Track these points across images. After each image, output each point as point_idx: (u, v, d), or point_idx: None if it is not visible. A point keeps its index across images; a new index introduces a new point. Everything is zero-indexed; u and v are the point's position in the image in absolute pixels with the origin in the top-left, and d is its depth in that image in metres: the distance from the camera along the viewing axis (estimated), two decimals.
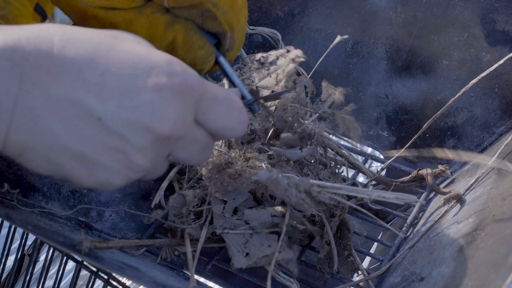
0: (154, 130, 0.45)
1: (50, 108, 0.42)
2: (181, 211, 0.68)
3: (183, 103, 0.46)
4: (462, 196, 0.70)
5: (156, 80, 0.44)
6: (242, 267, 0.64)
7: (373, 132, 0.91)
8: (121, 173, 0.46)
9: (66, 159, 0.44)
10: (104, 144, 0.44)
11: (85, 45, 0.43)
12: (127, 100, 0.43)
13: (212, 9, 0.60)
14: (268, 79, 0.80)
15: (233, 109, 0.50)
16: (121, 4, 0.57)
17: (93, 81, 0.43)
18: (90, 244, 0.54)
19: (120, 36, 0.46)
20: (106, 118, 0.43)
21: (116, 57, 0.44)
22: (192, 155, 0.50)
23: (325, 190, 0.63)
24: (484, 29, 0.83)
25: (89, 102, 0.43)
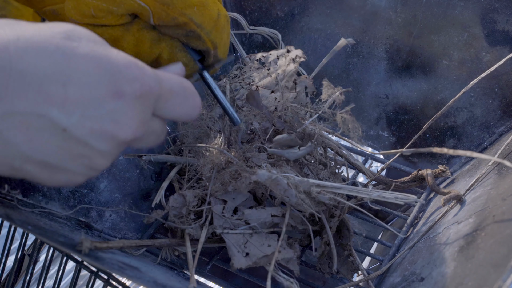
0: (118, 137, 0.46)
1: (12, 123, 0.42)
2: (181, 211, 0.68)
3: (143, 106, 0.47)
4: (462, 196, 0.70)
5: (117, 87, 0.45)
6: (242, 267, 0.64)
7: (373, 132, 0.91)
8: (83, 173, 0.48)
9: (30, 166, 0.45)
10: (69, 152, 0.45)
11: (42, 54, 0.42)
12: (90, 110, 0.44)
13: (196, 30, 0.61)
14: (268, 79, 0.80)
15: (187, 97, 0.52)
16: (108, 22, 0.58)
17: (56, 93, 0.43)
18: (90, 244, 0.54)
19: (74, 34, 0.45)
20: (71, 129, 0.44)
21: (76, 66, 0.44)
22: (148, 143, 0.52)
23: (325, 190, 0.63)
24: (484, 29, 0.83)
25: (54, 115, 0.43)
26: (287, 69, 0.80)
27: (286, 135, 0.69)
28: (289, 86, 0.79)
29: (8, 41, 0.41)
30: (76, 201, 0.73)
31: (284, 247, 0.65)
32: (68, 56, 0.43)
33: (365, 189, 0.63)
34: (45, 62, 0.42)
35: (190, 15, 0.59)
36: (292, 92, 0.78)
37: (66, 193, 0.73)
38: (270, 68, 0.82)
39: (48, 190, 0.71)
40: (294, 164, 0.71)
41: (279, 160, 0.71)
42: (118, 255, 0.61)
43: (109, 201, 0.77)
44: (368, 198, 0.63)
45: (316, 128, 0.72)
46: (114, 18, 0.58)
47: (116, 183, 0.79)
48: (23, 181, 0.68)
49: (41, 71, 0.42)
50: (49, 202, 0.70)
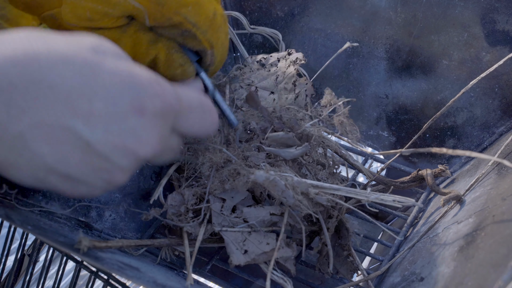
0: (138, 153, 0.48)
1: (39, 133, 0.43)
2: (179, 210, 0.68)
3: (163, 123, 0.49)
4: (462, 196, 0.70)
5: (139, 104, 0.46)
6: (240, 264, 0.64)
7: (373, 132, 0.91)
8: (102, 188, 0.49)
9: (53, 178, 0.46)
10: (91, 166, 0.46)
11: (71, 67, 0.44)
12: (113, 125, 0.45)
13: (191, 29, 0.61)
14: (268, 81, 0.80)
15: (205, 113, 0.55)
16: (105, 25, 0.58)
17: (81, 107, 0.44)
18: (89, 243, 0.55)
19: (100, 49, 0.47)
20: (94, 142, 0.45)
21: (102, 81, 0.45)
22: (165, 160, 0.54)
23: (323, 191, 0.63)
24: (484, 29, 0.83)
25: (79, 128, 0.44)
26: (287, 71, 0.80)
27: (282, 133, 0.69)
28: (289, 88, 0.79)
29: (39, 54, 0.43)
30: (76, 201, 0.73)
31: (282, 246, 0.66)
32: (94, 71, 0.45)
33: (363, 191, 0.63)
34: (73, 76, 0.44)
35: (185, 14, 0.59)
36: (291, 93, 0.78)
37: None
38: (270, 69, 0.82)
39: (48, 190, 0.71)
40: (292, 164, 0.71)
41: (277, 159, 0.71)
42: (118, 255, 0.61)
43: (109, 201, 0.77)
44: (366, 200, 0.63)
45: (315, 129, 0.72)
46: (111, 20, 0.58)
47: None
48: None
49: (69, 84, 0.43)
50: (48, 202, 0.70)
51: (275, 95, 0.78)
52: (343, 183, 0.73)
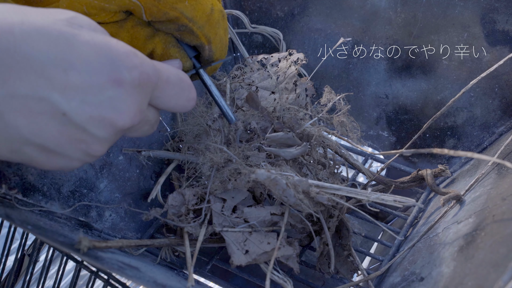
0: (116, 124, 0.47)
1: (14, 105, 0.43)
2: (180, 210, 0.68)
3: (141, 94, 0.49)
4: (462, 196, 0.70)
5: (117, 74, 0.46)
6: (241, 264, 0.64)
7: (373, 132, 0.91)
8: (79, 159, 0.49)
9: (28, 149, 0.46)
10: (67, 137, 0.46)
11: (46, 38, 0.43)
12: (90, 96, 0.45)
13: (188, 24, 0.61)
14: (268, 81, 0.80)
15: (183, 89, 0.54)
16: (102, 19, 0.58)
17: (57, 78, 0.43)
18: (89, 243, 0.54)
19: (75, 21, 0.46)
20: (71, 113, 0.45)
21: (78, 52, 0.44)
22: (142, 133, 0.54)
23: (323, 190, 0.63)
24: (484, 29, 0.83)
25: (55, 99, 0.44)
26: (288, 71, 0.80)
27: (282, 133, 0.69)
28: (289, 88, 0.79)
29: (13, 24, 0.42)
30: (76, 201, 0.73)
31: (283, 245, 0.66)
32: (70, 42, 0.44)
33: (363, 191, 0.63)
34: (48, 47, 0.43)
35: (181, 9, 0.59)
36: (292, 93, 0.78)
37: (66, 192, 0.73)
38: (271, 69, 0.82)
39: (48, 189, 0.71)
40: (293, 163, 0.71)
41: (278, 159, 0.71)
42: (118, 254, 0.61)
43: (109, 201, 0.77)
44: (366, 200, 0.63)
45: (315, 128, 0.72)
46: (108, 15, 0.58)
47: (116, 183, 0.79)
48: (23, 180, 0.68)
49: (44, 55, 0.43)
50: (48, 202, 0.70)
51: (276, 95, 0.78)
52: (344, 183, 0.73)
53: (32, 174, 0.69)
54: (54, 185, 0.72)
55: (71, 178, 0.74)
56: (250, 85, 0.80)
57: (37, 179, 0.70)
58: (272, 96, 0.79)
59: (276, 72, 0.81)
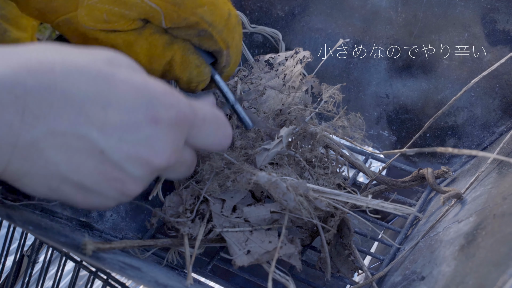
0: (152, 163, 0.48)
1: (53, 141, 0.43)
2: (178, 210, 0.68)
3: (177, 134, 0.49)
4: (462, 194, 0.70)
5: (155, 113, 0.46)
6: (244, 264, 0.64)
7: (374, 131, 0.91)
8: (115, 198, 0.49)
9: (66, 187, 0.46)
10: (104, 175, 0.46)
11: (86, 77, 0.44)
12: (128, 134, 0.45)
13: (208, 29, 0.61)
14: (275, 80, 0.81)
15: (220, 127, 0.54)
16: (121, 27, 0.59)
17: (96, 115, 0.44)
18: (94, 246, 0.54)
19: (114, 61, 0.47)
20: (109, 151, 0.45)
21: (116, 90, 0.45)
22: (179, 174, 0.55)
23: (323, 195, 0.63)
24: (485, 28, 0.83)
25: (93, 136, 0.44)
26: (294, 69, 0.80)
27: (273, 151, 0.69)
28: (296, 86, 0.79)
29: (54, 63, 0.43)
30: None
31: (285, 243, 0.65)
32: (109, 81, 0.45)
33: (364, 198, 0.63)
34: (87, 85, 0.44)
35: (201, 14, 0.60)
36: (298, 92, 0.78)
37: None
38: (278, 68, 0.82)
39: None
40: (295, 167, 0.71)
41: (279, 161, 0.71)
42: (119, 255, 0.61)
43: None
44: (366, 206, 0.63)
45: (318, 127, 0.72)
46: (127, 22, 0.59)
47: None
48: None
49: (83, 93, 0.43)
50: (50, 202, 0.70)
51: (283, 94, 0.79)
52: (345, 182, 0.73)
53: None
54: None
55: None
56: (258, 85, 0.81)
57: None
58: (280, 95, 0.79)
59: (283, 71, 0.81)
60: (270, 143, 0.69)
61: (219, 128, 0.54)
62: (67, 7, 0.57)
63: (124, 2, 0.57)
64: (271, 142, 0.69)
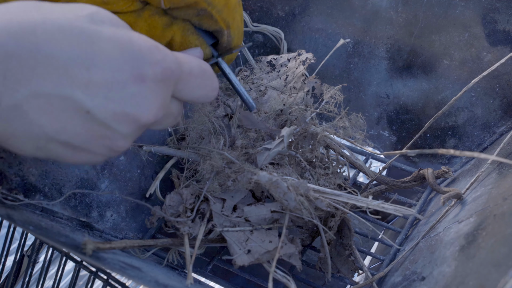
0: (139, 120, 0.48)
1: (37, 104, 0.43)
2: (178, 210, 0.68)
3: (164, 89, 0.49)
4: (462, 194, 0.70)
5: (140, 71, 0.46)
6: (244, 264, 0.64)
7: (374, 131, 0.91)
8: (104, 154, 0.49)
9: (53, 146, 0.46)
10: (91, 133, 0.46)
11: (68, 37, 0.43)
12: (113, 92, 0.45)
13: (207, 8, 0.61)
14: (278, 80, 0.81)
15: (206, 79, 0.54)
16: (120, 8, 0.58)
17: (80, 76, 0.44)
18: (94, 246, 0.54)
19: (97, 17, 0.46)
20: (94, 110, 0.45)
21: (100, 49, 0.44)
22: (166, 125, 0.54)
23: (323, 196, 0.63)
24: (485, 29, 0.83)
25: (78, 97, 0.44)
26: (297, 71, 0.80)
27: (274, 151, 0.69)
28: (298, 87, 0.79)
29: (35, 24, 0.42)
30: (77, 201, 0.73)
31: (285, 243, 0.65)
32: (92, 40, 0.44)
33: (364, 199, 0.63)
34: (70, 45, 0.43)
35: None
36: (300, 92, 0.78)
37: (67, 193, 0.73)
38: (280, 69, 0.82)
39: (49, 190, 0.71)
40: (296, 167, 0.71)
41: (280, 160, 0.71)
42: (119, 255, 0.61)
43: (110, 201, 0.77)
44: (366, 207, 0.63)
45: (319, 128, 0.72)
46: (126, 4, 0.58)
47: (117, 183, 0.79)
48: (24, 181, 0.68)
49: (66, 54, 0.43)
50: (50, 202, 0.70)
51: (285, 95, 0.79)
52: (345, 182, 0.73)
53: (34, 175, 0.69)
54: (55, 185, 0.72)
55: (72, 178, 0.74)
56: (259, 85, 0.81)
57: (38, 179, 0.70)
58: (281, 96, 0.79)
59: (285, 72, 0.81)
60: (271, 142, 0.69)
61: (205, 81, 0.54)
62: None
63: None
64: (272, 141, 0.69)
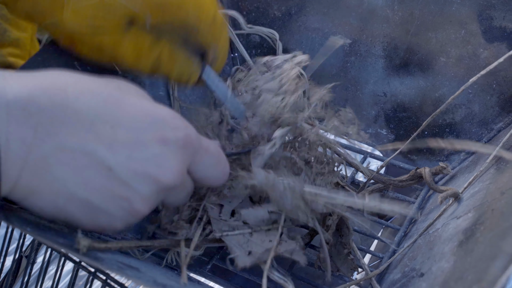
0: (159, 181, 0.49)
1: (62, 157, 0.45)
2: (173, 219, 0.68)
3: (184, 155, 0.50)
4: (460, 194, 0.70)
5: (163, 133, 0.48)
6: (246, 265, 0.64)
7: (372, 130, 0.91)
8: (122, 219, 0.50)
9: (72, 205, 0.47)
10: (111, 193, 0.48)
11: (96, 97, 0.46)
12: (136, 152, 0.47)
13: (195, 23, 0.62)
14: (272, 83, 0.80)
15: (220, 161, 0.56)
16: (106, 29, 0.59)
17: (105, 133, 0.45)
18: (88, 243, 0.54)
19: (124, 87, 0.49)
20: (116, 168, 0.46)
21: (125, 111, 0.47)
22: (178, 201, 0.57)
23: (319, 197, 0.63)
24: (481, 25, 0.83)
25: (101, 153, 0.46)
26: (291, 73, 0.80)
27: None
28: (292, 90, 0.79)
29: (67, 84, 0.45)
30: None
31: (285, 240, 0.65)
32: (119, 102, 0.47)
33: (361, 200, 0.63)
34: (98, 104, 0.46)
35: (187, 9, 0.60)
36: (294, 95, 0.78)
37: None
38: (275, 72, 0.82)
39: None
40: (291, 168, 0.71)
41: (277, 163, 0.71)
42: (118, 255, 0.61)
43: None
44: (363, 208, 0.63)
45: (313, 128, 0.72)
46: (111, 26, 0.59)
47: None
48: None
49: (94, 112, 0.45)
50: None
51: (279, 97, 0.78)
52: (343, 181, 0.73)
53: None
54: None
55: None
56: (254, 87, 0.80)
57: None
58: (275, 98, 0.79)
59: (280, 74, 0.81)
60: (266, 144, 0.69)
61: (219, 163, 0.56)
62: (53, 10, 0.58)
63: (107, 6, 0.58)
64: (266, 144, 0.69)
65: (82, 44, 0.61)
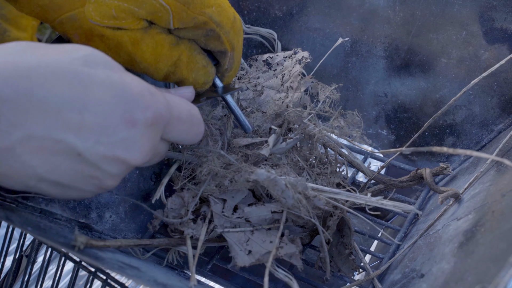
0: (129, 163, 0.49)
1: (30, 146, 0.44)
2: (180, 212, 0.68)
3: (154, 133, 0.50)
4: (460, 194, 0.70)
5: (131, 115, 0.47)
6: (245, 265, 0.64)
7: (372, 130, 0.91)
8: (92, 192, 0.51)
9: (43, 185, 0.48)
10: (81, 174, 0.48)
11: (61, 81, 0.44)
12: (104, 136, 0.47)
13: (216, 29, 0.62)
14: (273, 80, 0.80)
15: (193, 125, 0.56)
16: (127, 24, 0.59)
17: (72, 120, 0.45)
18: (85, 240, 0.55)
19: (91, 60, 0.47)
20: (86, 153, 0.46)
21: (93, 93, 0.46)
22: (152, 163, 0.57)
23: (322, 194, 0.63)
24: (483, 27, 0.83)
25: (70, 140, 0.45)
26: (293, 70, 0.80)
27: None
28: (294, 87, 0.79)
29: (29, 68, 0.43)
30: (76, 203, 0.73)
31: (286, 243, 0.65)
32: (85, 84, 0.46)
33: (363, 196, 0.63)
34: (63, 89, 0.44)
35: (210, 14, 0.61)
36: (296, 92, 0.78)
37: None
38: (277, 69, 0.82)
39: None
40: (294, 166, 0.71)
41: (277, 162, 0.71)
42: (118, 254, 0.61)
43: (109, 202, 0.77)
44: (365, 204, 0.63)
45: (316, 128, 0.72)
46: (134, 21, 0.59)
47: None
48: None
49: (60, 98, 0.44)
50: (49, 204, 0.70)
51: (281, 94, 0.78)
52: (344, 181, 0.73)
53: None
54: None
55: None
56: (256, 85, 0.81)
57: None
58: (277, 95, 0.79)
59: (282, 71, 0.81)
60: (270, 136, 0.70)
61: (192, 127, 0.56)
62: (73, 3, 0.58)
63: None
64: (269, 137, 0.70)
65: (101, 40, 0.60)
